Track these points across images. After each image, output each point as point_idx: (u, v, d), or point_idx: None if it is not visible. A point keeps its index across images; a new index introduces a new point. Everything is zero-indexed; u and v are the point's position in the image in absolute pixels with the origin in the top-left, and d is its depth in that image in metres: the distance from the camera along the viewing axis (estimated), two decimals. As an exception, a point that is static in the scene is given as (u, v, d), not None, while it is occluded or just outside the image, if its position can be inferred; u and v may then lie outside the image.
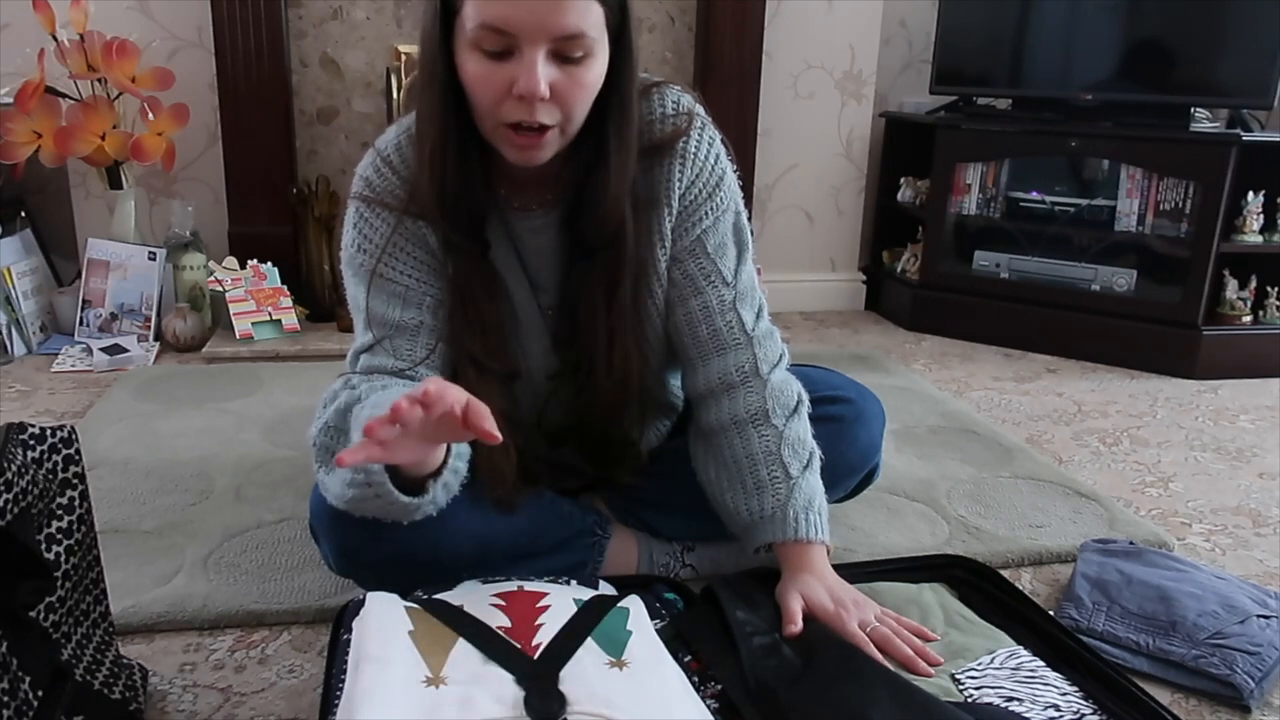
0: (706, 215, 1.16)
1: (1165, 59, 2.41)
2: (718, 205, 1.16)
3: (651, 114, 1.12)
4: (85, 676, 0.91)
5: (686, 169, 1.13)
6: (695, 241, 1.16)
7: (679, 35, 2.67)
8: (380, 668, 0.87)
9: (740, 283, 1.18)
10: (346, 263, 1.15)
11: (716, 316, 1.17)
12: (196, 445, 1.71)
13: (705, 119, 1.15)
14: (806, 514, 1.13)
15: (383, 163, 1.11)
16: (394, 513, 0.99)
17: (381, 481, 0.95)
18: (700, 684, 1.00)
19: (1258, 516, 1.60)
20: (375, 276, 1.10)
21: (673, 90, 1.14)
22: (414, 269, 1.10)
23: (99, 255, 2.33)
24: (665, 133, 1.12)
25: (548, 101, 0.97)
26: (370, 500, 0.98)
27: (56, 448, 0.90)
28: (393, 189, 1.10)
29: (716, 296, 1.17)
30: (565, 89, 0.97)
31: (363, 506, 1.00)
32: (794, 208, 2.87)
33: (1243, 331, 2.36)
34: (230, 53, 2.35)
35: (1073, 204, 2.53)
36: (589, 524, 1.23)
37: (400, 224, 1.09)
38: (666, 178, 1.13)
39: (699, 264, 1.16)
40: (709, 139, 1.15)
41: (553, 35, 0.95)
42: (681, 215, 1.15)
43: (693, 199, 1.15)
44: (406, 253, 1.10)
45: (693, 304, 1.17)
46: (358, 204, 1.12)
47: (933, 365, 2.40)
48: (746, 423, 1.15)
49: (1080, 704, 1.01)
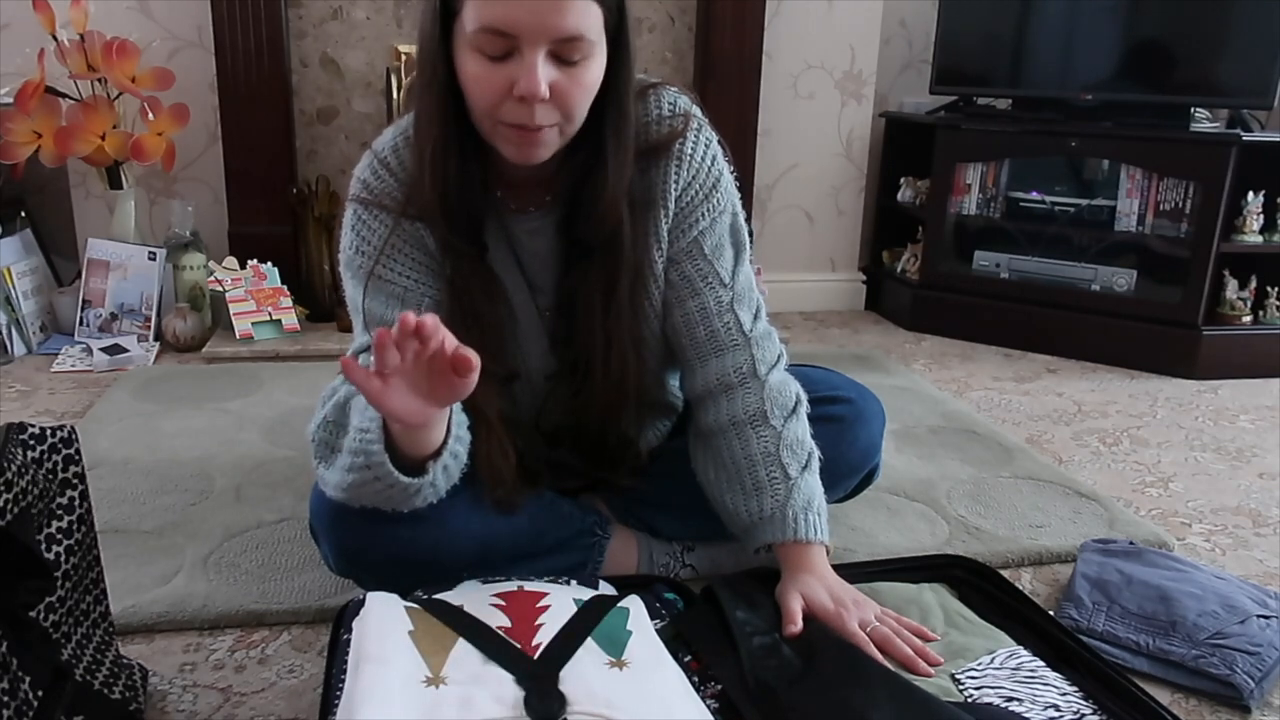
0: (703, 217, 1.16)
1: (1165, 59, 2.41)
2: (714, 206, 1.16)
3: (648, 115, 1.12)
4: (85, 676, 0.91)
5: (683, 170, 1.13)
6: (692, 243, 1.16)
7: (679, 35, 2.67)
8: (380, 668, 0.87)
9: (738, 284, 1.18)
10: (345, 265, 1.15)
11: (714, 318, 1.17)
12: (196, 445, 1.71)
13: (702, 120, 1.15)
14: (806, 514, 1.13)
15: (380, 165, 1.11)
16: (393, 498, 0.99)
17: (381, 462, 0.95)
18: (700, 684, 1.00)
19: (1258, 516, 1.60)
20: (373, 278, 1.11)
21: (669, 91, 1.14)
22: (412, 270, 1.11)
23: (99, 255, 2.33)
24: (662, 134, 1.12)
25: (547, 102, 0.97)
26: (369, 484, 0.98)
27: (56, 448, 0.90)
28: (390, 191, 1.10)
29: (714, 298, 1.17)
30: (565, 90, 0.97)
31: (362, 493, 1.00)
32: (794, 208, 2.87)
33: (1243, 331, 2.36)
34: (230, 53, 2.35)
35: (1073, 204, 2.53)
36: (589, 524, 1.23)
37: (398, 225, 1.09)
38: (663, 179, 1.13)
39: (696, 265, 1.16)
40: (705, 140, 1.15)
41: (552, 37, 0.95)
42: (678, 217, 1.15)
43: (689, 200, 1.15)
44: (404, 254, 1.10)
45: (690, 305, 1.17)
46: (355, 206, 1.13)
47: (933, 365, 2.40)
48: (745, 424, 1.15)
49: (1080, 704, 1.01)
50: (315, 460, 1.07)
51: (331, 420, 1.05)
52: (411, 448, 0.97)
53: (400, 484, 0.97)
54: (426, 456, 0.99)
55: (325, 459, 1.05)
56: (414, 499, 1.00)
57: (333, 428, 1.05)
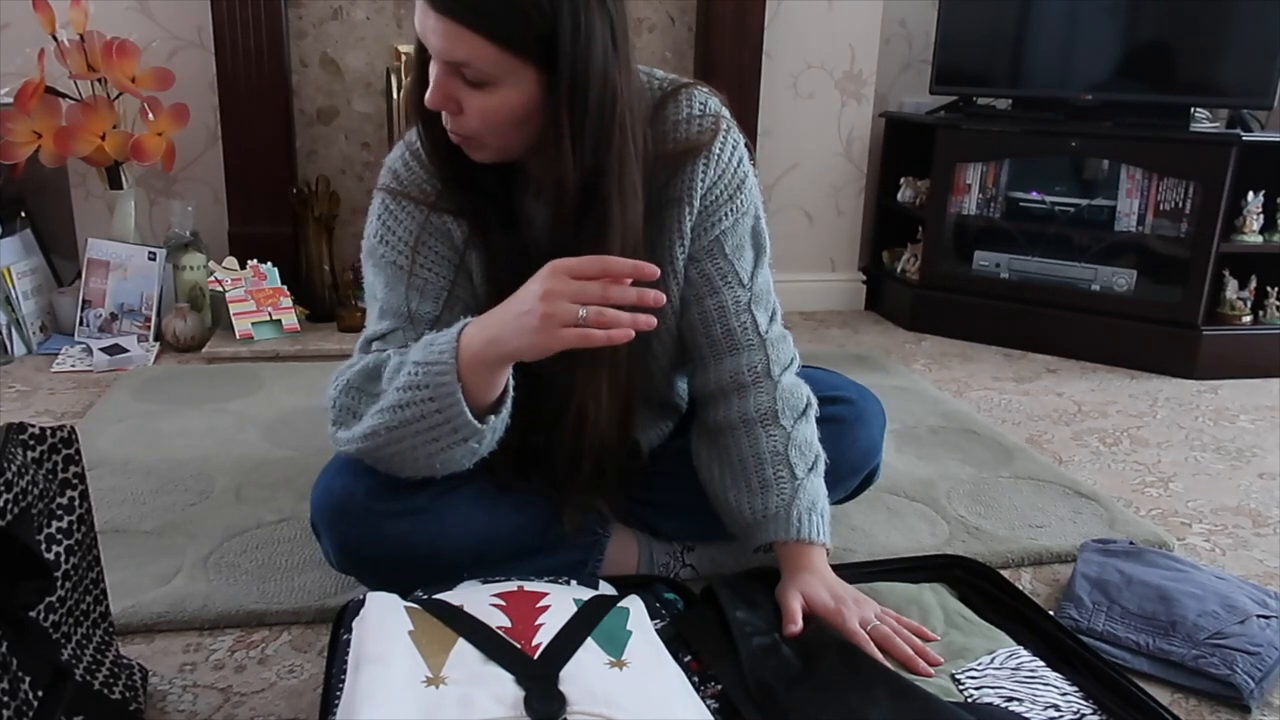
0: (726, 216, 1.16)
1: (1165, 59, 2.41)
2: (738, 207, 1.17)
3: (679, 114, 1.13)
4: (85, 676, 0.91)
5: (710, 169, 1.14)
6: (714, 241, 1.16)
7: (679, 35, 2.67)
8: (380, 668, 0.87)
9: (756, 285, 1.19)
10: (368, 253, 1.15)
11: (731, 316, 1.17)
12: (196, 445, 1.71)
13: (730, 121, 1.16)
14: (810, 515, 1.13)
15: (411, 156, 1.12)
16: (438, 439, 0.99)
17: (452, 391, 0.96)
18: (700, 684, 1.00)
19: (1258, 516, 1.60)
20: (396, 268, 1.11)
21: (700, 91, 1.15)
22: (435, 263, 1.11)
23: (99, 255, 2.33)
24: (692, 134, 1.12)
25: (460, 115, 1.00)
26: (420, 421, 0.98)
27: (56, 448, 0.91)
28: (419, 182, 1.11)
29: (732, 297, 1.17)
30: (468, 108, 0.99)
31: (400, 434, 1.00)
32: (794, 208, 2.87)
33: (1243, 331, 2.36)
34: (230, 53, 2.35)
35: (1073, 204, 2.53)
36: (589, 523, 1.23)
37: (425, 218, 1.10)
38: (689, 177, 1.13)
39: (716, 264, 1.17)
40: (734, 141, 1.16)
41: (442, 59, 0.97)
42: (702, 215, 1.15)
43: (714, 199, 1.15)
44: (429, 246, 1.11)
45: (708, 303, 1.17)
46: (384, 196, 1.13)
47: (933, 365, 2.40)
48: (755, 422, 1.15)
49: (1080, 704, 1.01)
50: (333, 425, 1.07)
51: (356, 386, 1.06)
52: (478, 390, 0.98)
53: (464, 420, 0.97)
54: (485, 408, 1.00)
55: (345, 423, 1.06)
56: (458, 449, 1.01)
57: (356, 394, 1.06)
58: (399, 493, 1.08)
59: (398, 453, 1.03)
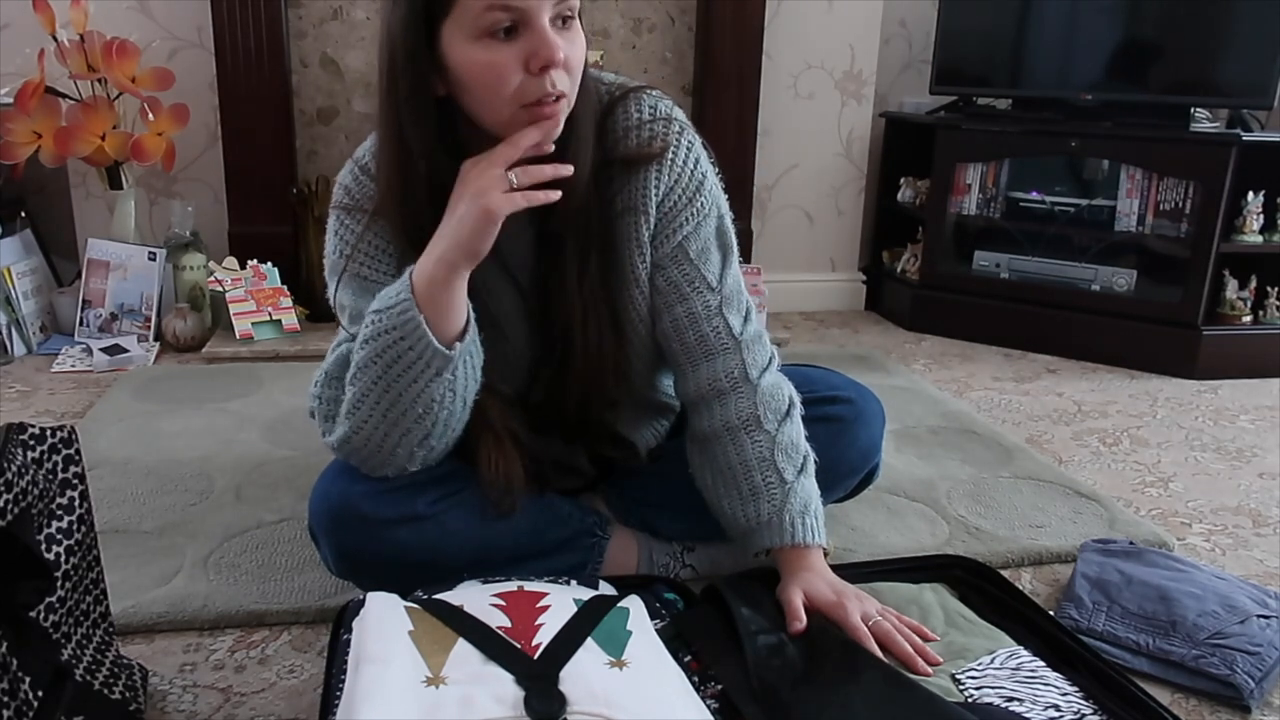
0: (687, 221, 1.14)
1: (1165, 59, 2.41)
2: (699, 210, 1.15)
3: (629, 120, 1.11)
4: (85, 677, 0.91)
5: (664, 176, 1.12)
6: (677, 248, 1.15)
7: (679, 35, 2.67)
8: (380, 668, 0.87)
9: (726, 287, 1.17)
10: (331, 269, 1.16)
11: (703, 322, 1.16)
12: (196, 445, 1.71)
13: (684, 123, 1.15)
14: (803, 518, 1.12)
15: (361, 171, 1.13)
16: (416, 382, 1.00)
17: (413, 318, 0.98)
18: (700, 684, 1.00)
19: (1258, 516, 1.60)
20: (359, 279, 1.12)
21: (650, 95, 1.13)
22: (388, 265, 1.11)
23: (99, 255, 2.33)
24: (643, 140, 1.11)
25: (560, 68, 0.98)
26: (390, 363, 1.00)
27: (56, 448, 0.91)
28: (370, 195, 1.11)
29: (702, 302, 1.16)
30: (571, 52, 0.99)
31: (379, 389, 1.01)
32: (794, 208, 2.87)
33: (1243, 331, 2.36)
34: (230, 53, 2.35)
35: (1073, 204, 2.53)
36: (589, 524, 1.23)
37: (373, 222, 1.10)
38: (643, 185, 1.12)
39: (682, 270, 1.15)
40: (688, 144, 1.14)
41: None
42: (660, 223, 1.14)
43: (672, 205, 1.14)
44: (384, 251, 1.11)
45: (678, 310, 1.16)
46: (338, 213, 1.14)
47: (933, 365, 2.40)
48: (739, 429, 1.15)
49: (1080, 704, 1.01)
50: (322, 422, 1.08)
51: (334, 375, 1.08)
52: (440, 317, 1.00)
53: (432, 348, 0.99)
54: (452, 337, 1.01)
55: (331, 414, 1.07)
56: (435, 384, 1.01)
57: (335, 382, 1.08)
58: (397, 499, 1.08)
59: (385, 420, 1.02)
